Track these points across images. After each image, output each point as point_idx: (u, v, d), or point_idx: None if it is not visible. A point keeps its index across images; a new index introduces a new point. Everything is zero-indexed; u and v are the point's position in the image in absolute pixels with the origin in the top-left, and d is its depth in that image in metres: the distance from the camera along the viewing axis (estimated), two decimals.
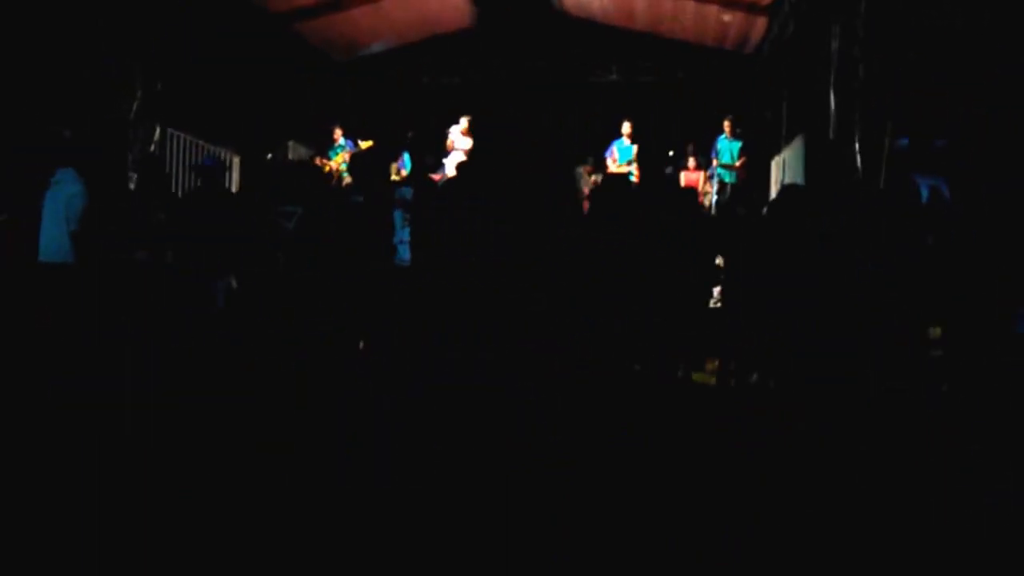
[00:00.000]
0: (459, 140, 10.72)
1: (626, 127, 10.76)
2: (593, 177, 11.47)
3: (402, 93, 12.48)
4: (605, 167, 10.81)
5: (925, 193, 5.55)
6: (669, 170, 11.52)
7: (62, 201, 5.57)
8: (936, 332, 6.21)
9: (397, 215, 5.73)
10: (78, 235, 5.52)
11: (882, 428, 4.58)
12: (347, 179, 10.38)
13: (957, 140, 6.61)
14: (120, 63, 7.42)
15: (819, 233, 5.34)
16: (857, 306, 5.13)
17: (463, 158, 9.96)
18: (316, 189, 6.51)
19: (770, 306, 5.06)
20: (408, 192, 5.97)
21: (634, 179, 10.38)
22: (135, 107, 7.48)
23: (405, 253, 5.61)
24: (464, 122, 10.67)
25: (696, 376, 5.77)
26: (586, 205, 7.13)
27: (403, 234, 5.65)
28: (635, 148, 10.72)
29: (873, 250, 5.39)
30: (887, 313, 5.33)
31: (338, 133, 10.87)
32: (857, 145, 7.45)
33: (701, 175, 11.11)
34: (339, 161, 10.59)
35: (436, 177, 10.37)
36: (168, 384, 5.00)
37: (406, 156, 10.55)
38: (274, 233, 5.71)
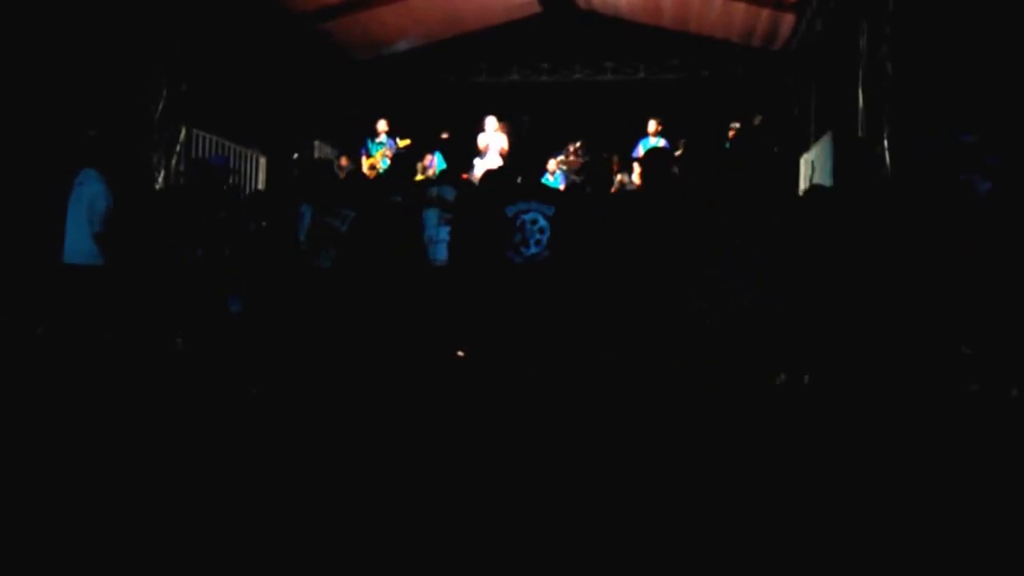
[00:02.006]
0: (493, 140, 10.58)
1: (652, 125, 10.68)
2: (620, 176, 11.42)
3: (428, 91, 12.49)
4: (631, 166, 10.74)
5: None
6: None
7: (85, 202, 5.57)
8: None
9: (432, 214, 5.65)
10: (102, 236, 5.53)
11: (912, 428, 4.52)
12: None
13: (987, 137, 6.47)
14: (145, 63, 7.49)
15: (845, 235, 5.26)
16: (885, 307, 5.05)
17: (497, 160, 9.95)
18: (368, 192, 6.50)
19: (799, 307, 4.99)
20: (448, 191, 5.78)
21: None
22: (160, 108, 7.55)
23: (441, 253, 5.53)
24: (494, 122, 10.57)
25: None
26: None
27: (442, 233, 5.56)
28: (660, 144, 10.62)
29: (900, 251, 5.31)
30: (916, 314, 5.26)
31: (383, 126, 10.74)
32: (886, 143, 7.34)
33: None
34: (379, 157, 10.59)
35: (463, 177, 10.38)
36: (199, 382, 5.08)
37: (437, 155, 10.51)
38: (326, 234, 5.69)
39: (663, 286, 4.79)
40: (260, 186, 9.78)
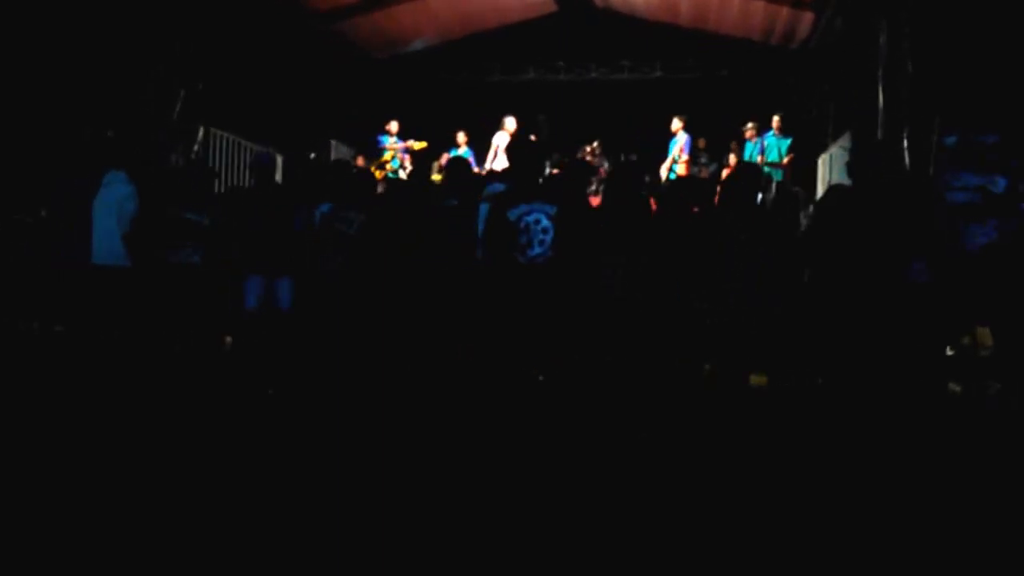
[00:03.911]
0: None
1: (676, 123, 10.60)
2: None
3: (443, 90, 12.49)
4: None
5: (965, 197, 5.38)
6: (713, 167, 11.35)
7: (114, 203, 5.59)
8: (983, 332, 6.05)
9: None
10: (129, 237, 5.55)
11: (934, 428, 4.49)
12: (401, 175, 10.45)
13: (1009, 136, 6.40)
14: (163, 63, 7.52)
15: (865, 234, 5.21)
16: (907, 307, 5.01)
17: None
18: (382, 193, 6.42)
19: (820, 308, 4.95)
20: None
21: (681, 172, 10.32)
22: (178, 107, 7.59)
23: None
24: (513, 122, 10.52)
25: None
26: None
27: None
28: (680, 142, 10.57)
29: (918, 249, 5.26)
30: (935, 313, 5.21)
31: (394, 127, 10.82)
32: (905, 142, 7.26)
33: None
34: (388, 158, 10.62)
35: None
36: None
37: (453, 153, 10.48)
38: (334, 237, 5.66)
39: (663, 286, 4.76)
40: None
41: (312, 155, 9.96)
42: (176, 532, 2.95)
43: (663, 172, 10.54)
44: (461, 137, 10.90)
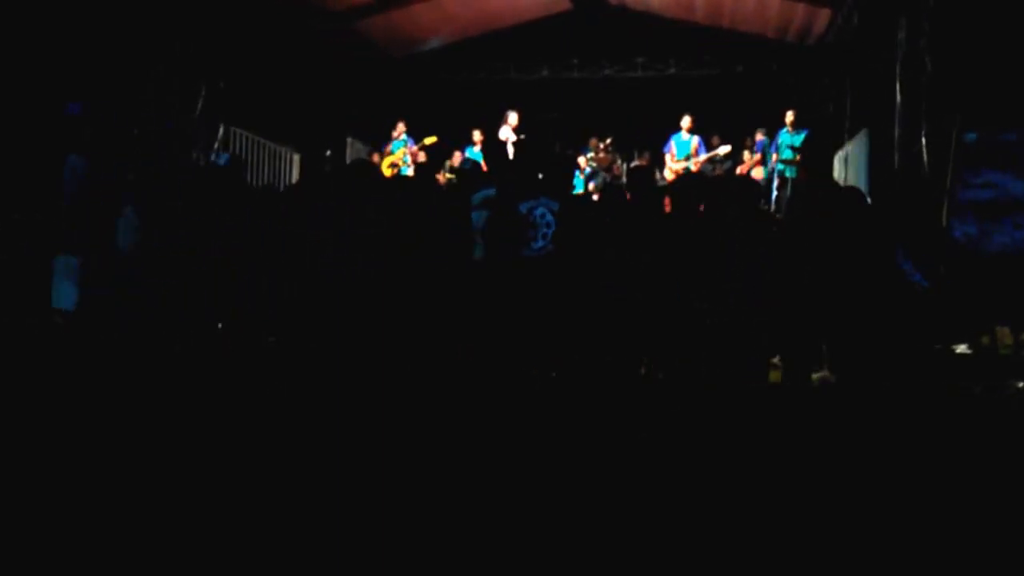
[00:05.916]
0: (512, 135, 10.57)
1: (686, 121, 10.59)
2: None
3: (458, 88, 12.52)
4: (663, 162, 10.70)
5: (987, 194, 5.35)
6: (728, 166, 11.34)
7: None
8: (1003, 331, 6.03)
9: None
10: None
11: (951, 426, 4.47)
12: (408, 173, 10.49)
13: None
14: (184, 62, 7.57)
15: (878, 235, 5.20)
16: (920, 306, 5.01)
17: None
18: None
19: (833, 306, 4.95)
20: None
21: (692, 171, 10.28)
22: (199, 106, 7.65)
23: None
24: (515, 117, 10.54)
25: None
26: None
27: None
28: (694, 141, 10.56)
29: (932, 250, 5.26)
30: (951, 312, 5.20)
31: (400, 128, 10.87)
32: (924, 140, 7.24)
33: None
34: (400, 155, 10.68)
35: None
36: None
37: (468, 151, 10.54)
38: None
39: (663, 285, 4.77)
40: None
41: (328, 152, 10.01)
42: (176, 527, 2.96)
43: (671, 172, 10.46)
44: (477, 135, 10.91)
